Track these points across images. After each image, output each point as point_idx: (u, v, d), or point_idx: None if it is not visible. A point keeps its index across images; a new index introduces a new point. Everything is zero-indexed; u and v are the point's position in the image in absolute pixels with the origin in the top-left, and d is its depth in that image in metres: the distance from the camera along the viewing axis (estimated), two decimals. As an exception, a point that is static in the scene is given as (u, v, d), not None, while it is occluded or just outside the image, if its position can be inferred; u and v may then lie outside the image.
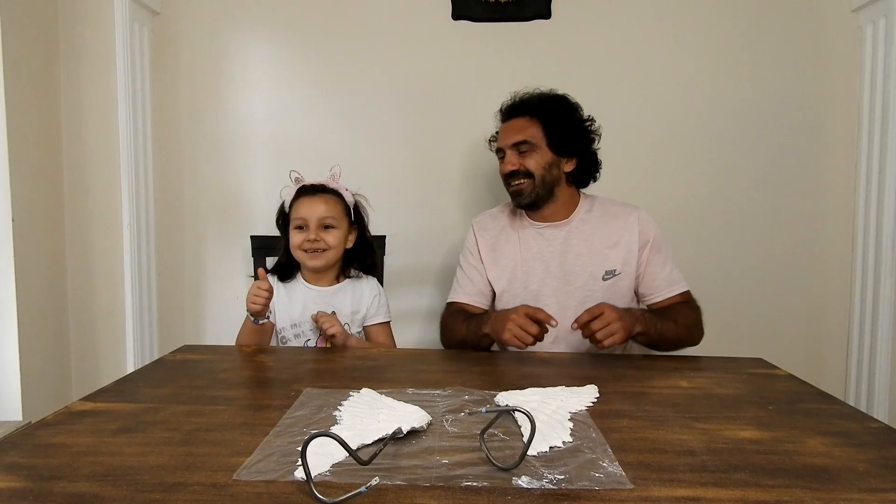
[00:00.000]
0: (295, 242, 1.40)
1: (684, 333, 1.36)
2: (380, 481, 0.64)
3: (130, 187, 1.81)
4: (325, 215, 1.40)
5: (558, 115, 1.43)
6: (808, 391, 1.03)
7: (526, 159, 1.42)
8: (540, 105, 1.44)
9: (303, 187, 1.43)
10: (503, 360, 1.27)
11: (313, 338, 1.43)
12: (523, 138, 1.41)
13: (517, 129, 1.43)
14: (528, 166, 1.41)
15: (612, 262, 1.41)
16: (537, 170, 1.41)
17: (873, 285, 1.83)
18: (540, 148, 1.42)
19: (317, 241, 1.39)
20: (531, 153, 1.41)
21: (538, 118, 1.42)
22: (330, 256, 1.42)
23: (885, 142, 1.78)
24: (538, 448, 0.74)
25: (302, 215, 1.40)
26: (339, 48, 1.97)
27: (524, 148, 1.42)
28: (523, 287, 1.44)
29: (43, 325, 1.72)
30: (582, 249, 1.43)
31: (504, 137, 1.45)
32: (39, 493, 0.64)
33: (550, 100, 1.46)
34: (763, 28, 1.92)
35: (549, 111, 1.43)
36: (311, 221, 1.39)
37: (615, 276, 1.41)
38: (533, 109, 1.44)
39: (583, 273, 1.42)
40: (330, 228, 1.41)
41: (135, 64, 1.83)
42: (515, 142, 1.42)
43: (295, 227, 1.40)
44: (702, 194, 1.96)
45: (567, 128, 1.43)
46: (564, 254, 1.43)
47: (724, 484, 0.67)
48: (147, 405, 0.91)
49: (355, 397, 0.94)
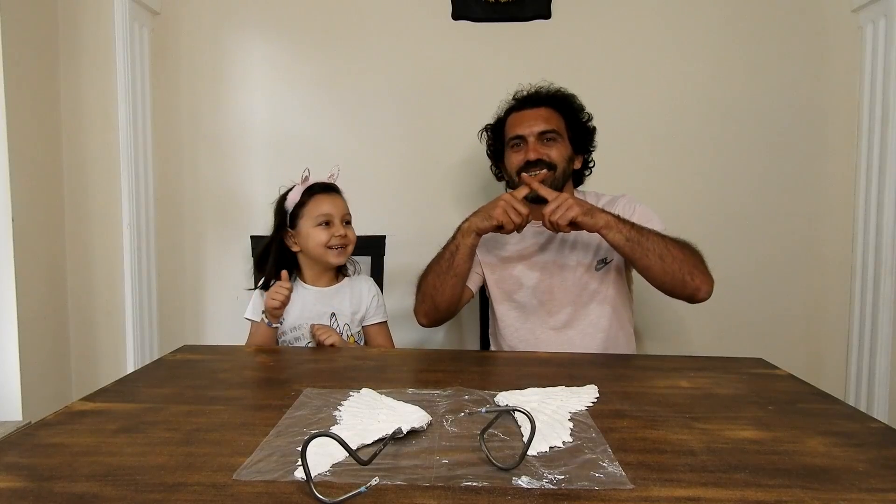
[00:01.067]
0: (321, 239, 1.39)
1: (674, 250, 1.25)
2: (380, 481, 0.64)
3: (130, 187, 1.81)
4: (346, 212, 1.43)
5: (577, 112, 1.45)
6: (808, 391, 1.03)
7: (551, 149, 1.39)
8: (563, 99, 1.45)
9: (318, 185, 1.44)
10: (503, 360, 1.27)
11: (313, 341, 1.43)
12: (551, 127, 1.39)
13: (544, 119, 1.41)
14: (552, 156, 1.39)
15: (603, 250, 1.41)
16: (560, 161, 1.40)
17: (873, 285, 1.83)
18: (564, 140, 1.41)
19: (345, 237, 1.41)
20: (556, 144, 1.40)
21: (561, 112, 1.43)
22: (350, 251, 1.44)
23: (885, 142, 1.78)
24: (538, 448, 0.74)
25: (327, 211, 1.40)
26: (338, 48, 1.97)
27: (550, 136, 1.39)
28: (518, 281, 1.45)
29: (43, 325, 1.72)
30: (576, 242, 1.44)
31: (525, 125, 1.41)
32: (39, 493, 0.64)
33: (568, 96, 1.47)
34: (763, 28, 1.92)
35: (570, 107, 1.45)
36: (337, 217, 1.40)
37: (607, 264, 1.42)
38: (557, 102, 1.44)
39: (578, 266, 1.42)
40: (349, 225, 1.44)
41: (135, 64, 1.83)
42: (542, 130, 1.39)
43: (317, 225, 1.40)
44: (701, 194, 1.96)
45: (583, 125, 1.46)
46: (560, 248, 1.45)
47: (723, 484, 0.67)
48: (147, 405, 0.91)
49: (355, 397, 0.94)
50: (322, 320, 1.42)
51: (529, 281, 1.44)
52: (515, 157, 1.43)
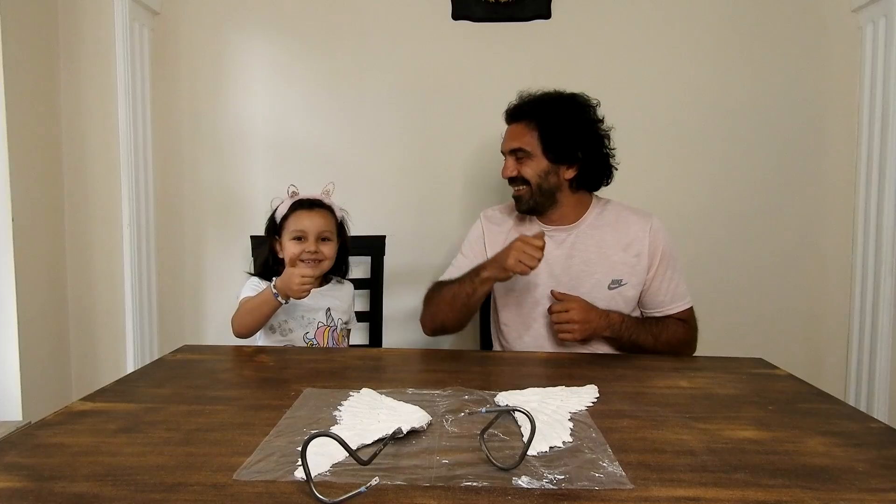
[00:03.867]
0: (293, 252, 1.43)
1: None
2: (380, 481, 0.64)
3: (130, 187, 1.81)
4: (324, 229, 1.45)
5: (557, 122, 1.36)
6: (808, 391, 1.03)
7: (522, 167, 1.39)
8: (538, 110, 1.38)
9: (300, 201, 1.46)
10: (503, 360, 1.27)
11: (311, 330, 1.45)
12: (518, 146, 1.38)
13: (514, 136, 1.41)
14: (524, 174, 1.39)
15: (619, 271, 1.38)
16: (533, 178, 1.38)
17: (873, 285, 1.83)
18: (535, 156, 1.38)
19: (316, 253, 1.43)
20: (527, 161, 1.39)
21: (535, 124, 1.37)
22: (325, 266, 1.46)
23: (885, 142, 1.78)
24: (538, 448, 0.74)
25: (302, 227, 1.43)
26: (338, 48, 1.97)
27: (520, 155, 1.39)
28: (526, 289, 1.42)
29: (43, 325, 1.72)
30: (590, 255, 1.39)
31: (505, 142, 1.43)
32: (39, 493, 0.64)
33: (551, 103, 1.38)
34: (763, 28, 1.92)
35: (548, 117, 1.37)
36: (311, 234, 1.43)
37: (621, 286, 1.38)
38: (530, 114, 1.39)
39: (588, 280, 1.38)
40: (326, 241, 1.45)
41: (135, 64, 1.83)
42: (512, 148, 1.40)
43: (292, 238, 1.43)
44: (701, 194, 1.96)
45: (566, 134, 1.36)
46: (570, 258, 1.40)
47: (723, 484, 0.67)
48: (147, 405, 0.91)
49: (355, 397, 0.94)
50: (318, 316, 1.45)
51: (538, 289, 1.41)
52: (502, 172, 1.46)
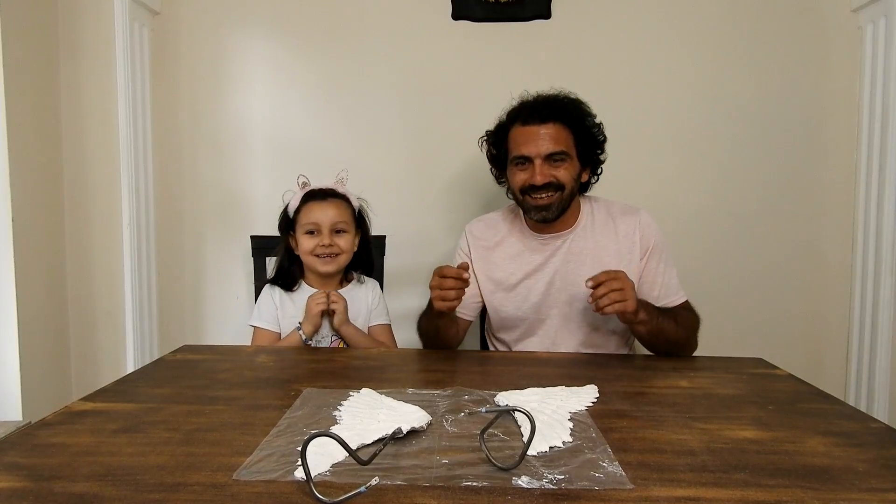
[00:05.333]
0: (307, 247, 1.38)
1: (682, 335, 1.29)
2: (380, 481, 0.64)
3: (130, 187, 1.81)
4: (338, 220, 1.39)
5: (585, 123, 1.33)
6: (808, 391, 1.03)
7: (559, 170, 1.30)
8: (571, 110, 1.32)
9: (311, 192, 1.41)
10: (503, 361, 1.27)
11: (326, 340, 1.42)
12: (561, 149, 1.29)
13: (552, 138, 1.29)
14: (560, 178, 1.29)
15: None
16: (569, 182, 1.30)
17: (873, 285, 1.83)
18: (572, 158, 1.31)
19: (331, 246, 1.38)
20: (564, 164, 1.30)
21: (569, 126, 1.31)
22: (342, 261, 1.41)
23: (885, 142, 1.78)
24: (538, 448, 0.74)
25: (314, 220, 1.38)
26: (339, 48, 1.97)
27: (559, 157, 1.29)
28: (524, 299, 1.40)
29: (43, 326, 1.72)
30: (584, 259, 1.37)
31: (531, 144, 1.30)
32: (39, 493, 0.64)
33: (578, 104, 1.34)
34: (763, 28, 1.92)
35: (579, 118, 1.32)
36: (325, 226, 1.38)
37: None
38: (564, 115, 1.31)
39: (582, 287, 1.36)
40: (342, 233, 1.40)
41: (135, 64, 1.83)
42: (551, 152, 1.29)
43: (305, 233, 1.39)
44: (701, 194, 1.96)
45: (595, 137, 1.35)
46: (566, 263, 1.38)
47: (723, 484, 0.67)
48: (147, 405, 0.91)
49: (355, 397, 0.94)
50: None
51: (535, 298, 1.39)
52: (520, 175, 1.33)
